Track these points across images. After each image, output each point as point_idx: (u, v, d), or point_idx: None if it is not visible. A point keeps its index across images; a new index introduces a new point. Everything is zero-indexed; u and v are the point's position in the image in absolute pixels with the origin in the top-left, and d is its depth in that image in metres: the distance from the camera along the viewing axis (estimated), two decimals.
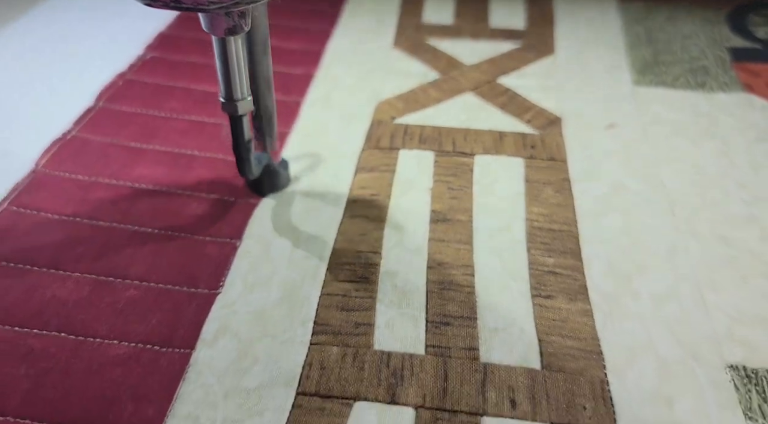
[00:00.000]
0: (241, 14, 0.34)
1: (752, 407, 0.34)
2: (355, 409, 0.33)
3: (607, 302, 0.39)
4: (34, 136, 0.50)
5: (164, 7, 0.31)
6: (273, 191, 0.46)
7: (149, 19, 0.67)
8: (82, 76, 0.58)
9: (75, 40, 0.64)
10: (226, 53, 0.36)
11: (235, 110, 0.38)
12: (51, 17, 0.68)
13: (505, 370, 0.35)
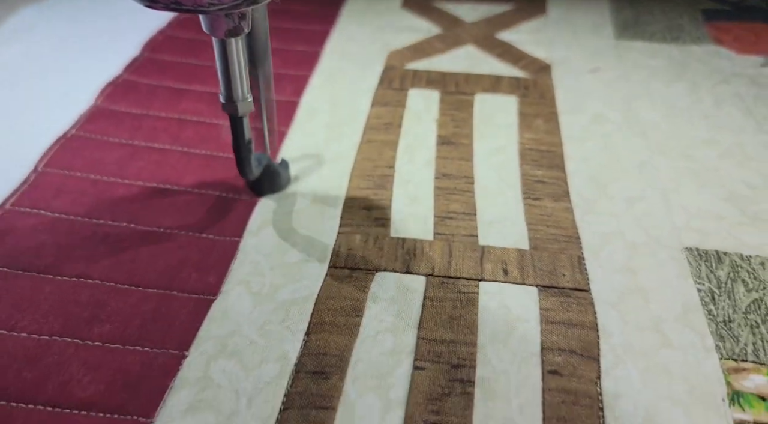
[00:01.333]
0: (241, 16, 0.34)
1: (701, 276, 0.41)
2: (377, 277, 0.41)
3: (586, 203, 0.47)
4: (34, 135, 0.51)
5: (164, 8, 0.31)
6: (273, 192, 0.47)
7: (148, 19, 0.68)
8: (83, 74, 0.59)
9: (74, 39, 0.65)
10: (227, 55, 0.36)
11: (236, 111, 0.38)
12: (50, 16, 0.69)
13: (500, 250, 0.43)
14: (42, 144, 0.51)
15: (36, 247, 0.42)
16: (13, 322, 0.37)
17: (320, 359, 0.36)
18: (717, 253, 0.43)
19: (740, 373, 0.35)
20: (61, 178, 0.47)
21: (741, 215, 0.46)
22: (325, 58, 0.63)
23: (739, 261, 0.42)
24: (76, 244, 0.42)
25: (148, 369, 0.35)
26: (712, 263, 0.42)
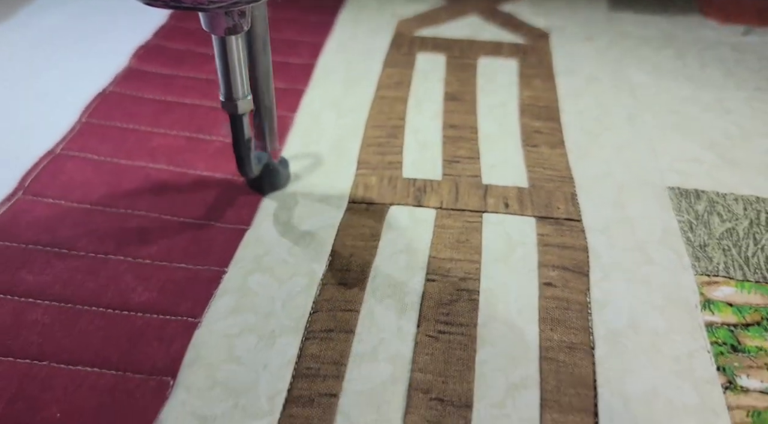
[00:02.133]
0: (240, 14, 0.34)
1: (680, 209, 0.46)
2: (392, 210, 0.46)
3: (579, 149, 0.52)
4: (38, 129, 0.52)
5: (164, 6, 0.31)
6: (273, 190, 0.47)
7: (147, 16, 0.69)
8: (89, 65, 0.60)
9: (76, 33, 0.66)
10: (226, 52, 0.36)
11: (235, 109, 0.39)
12: (48, 14, 0.69)
13: (501, 187, 0.47)
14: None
15: (86, 182, 0.47)
16: (72, 243, 0.42)
17: (343, 274, 0.40)
18: (696, 191, 0.48)
19: (712, 285, 0.40)
20: (102, 128, 0.52)
21: (719, 160, 0.51)
22: (339, 27, 0.68)
23: (716, 197, 0.47)
24: (123, 183, 0.47)
25: (193, 281, 0.40)
26: (692, 199, 0.47)
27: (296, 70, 0.61)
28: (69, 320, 0.37)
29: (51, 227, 0.43)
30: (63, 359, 0.35)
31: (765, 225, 0.45)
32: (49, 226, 0.43)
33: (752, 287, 0.40)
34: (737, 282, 0.41)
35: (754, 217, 0.45)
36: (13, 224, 0.43)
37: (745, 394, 0.34)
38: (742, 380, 0.35)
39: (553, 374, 0.35)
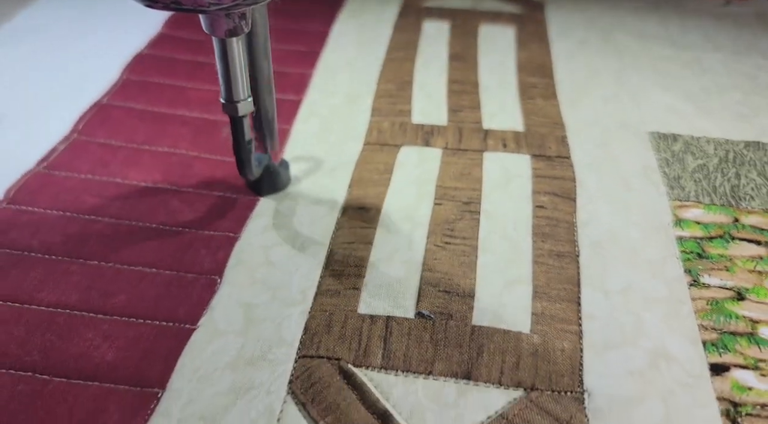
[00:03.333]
0: (241, 15, 0.34)
1: (659, 149, 0.52)
2: (402, 150, 0.51)
3: (570, 101, 0.57)
4: (33, 136, 0.52)
5: (164, 8, 0.31)
6: (273, 192, 0.47)
7: (147, 19, 0.69)
8: (84, 73, 0.60)
9: (73, 38, 0.66)
10: (227, 55, 0.36)
11: (236, 111, 0.39)
12: (48, 14, 0.70)
13: (500, 131, 0.53)
14: (42, 145, 0.51)
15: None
16: (125, 173, 0.48)
17: (361, 200, 0.46)
18: (673, 135, 0.54)
19: (683, 208, 0.46)
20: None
21: (694, 110, 0.56)
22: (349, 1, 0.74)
23: (690, 140, 0.53)
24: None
25: (231, 204, 0.46)
26: (669, 141, 0.53)
27: (313, 35, 0.66)
28: (127, 234, 0.43)
29: None
30: (126, 261, 0.41)
31: (732, 162, 0.51)
32: None
33: (718, 209, 0.46)
34: (705, 205, 0.46)
35: (722, 155, 0.51)
36: None
37: (707, 288, 0.40)
38: (705, 278, 0.41)
39: (543, 274, 0.41)
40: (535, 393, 0.34)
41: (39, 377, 0.34)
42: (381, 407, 0.33)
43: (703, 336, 0.37)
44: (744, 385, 0.35)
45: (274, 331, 0.37)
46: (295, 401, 0.33)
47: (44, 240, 0.42)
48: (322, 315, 0.38)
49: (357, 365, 0.35)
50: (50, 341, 0.36)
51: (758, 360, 0.36)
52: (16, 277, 0.40)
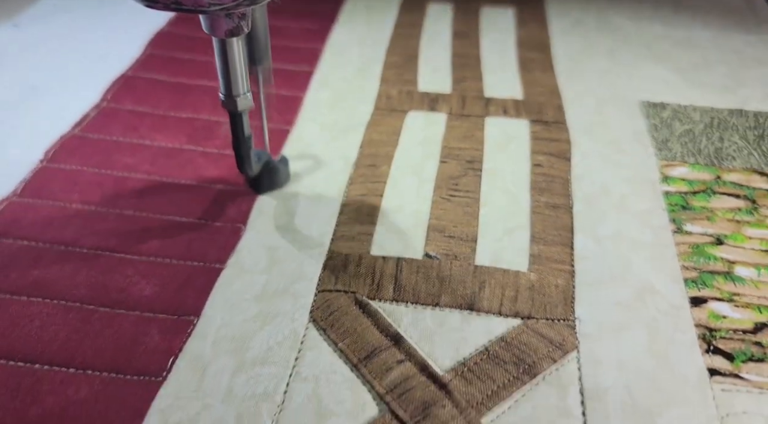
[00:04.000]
0: (241, 16, 0.34)
1: (649, 115, 0.56)
2: (409, 114, 0.55)
3: (566, 74, 0.61)
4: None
5: (165, 8, 0.31)
6: (272, 189, 0.47)
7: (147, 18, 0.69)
8: (87, 72, 0.60)
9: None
10: (227, 54, 0.36)
11: (235, 106, 0.39)
12: (50, 15, 0.70)
13: (500, 99, 0.57)
14: (47, 140, 0.58)
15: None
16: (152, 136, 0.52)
17: (371, 159, 0.50)
18: (662, 103, 0.57)
19: (670, 167, 0.50)
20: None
21: (683, 82, 0.60)
22: None
23: (678, 108, 0.57)
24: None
25: None
26: (658, 109, 0.57)
27: (323, 14, 0.70)
28: (158, 188, 0.47)
29: None
30: (158, 211, 0.45)
31: (716, 127, 0.54)
32: None
33: (702, 168, 0.50)
34: (690, 165, 0.50)
35: (707, 122, 0.55)
36: None
37: (689, 235, 0.44)
38: (688, 227, 0.45)
39: (540, 222, 0.45)
40: (531, 321, 0.38)
41: (86, 307, 0.38)
42: (393, 331, 0.37)
43: (684, 275, 0.41)
44: (719, 314, 0.38)
45: (295, 269, 0.41)
46: (316, 326, 0.37)
47: (83, 193, 0.46)
48: (339, 256, 0.42)
49: (371, 298, 0.39)
50: (94, 277, 0.40)
51: (733, 294, 0.40)
52: (59, 224, 0.44)
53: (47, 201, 0.45)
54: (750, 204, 0.47)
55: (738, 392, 0.34)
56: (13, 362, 0.35)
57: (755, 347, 0.36)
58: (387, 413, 0.33)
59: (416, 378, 0.34)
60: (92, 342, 0.36)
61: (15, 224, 0.43)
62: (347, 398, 0.33)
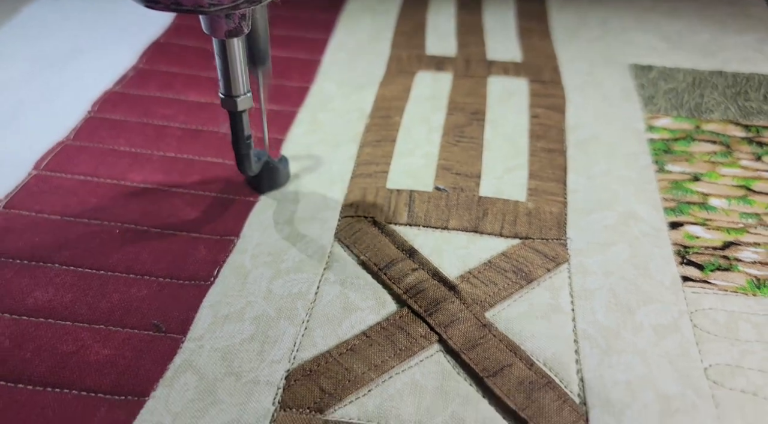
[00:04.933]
0: (241, 16, 0.34)
1: (636, 76, 0.61)
2: (418, 74, 0.61)
3: (562, 41, 0.67)
4: (32, 138, 0.52)
5: (165, 9, 0.31)
6: (272, 189, 0.47)
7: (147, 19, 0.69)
8: (81, 77, 0.60)
9: (73, 39, 0.66)
10: (227, 54, 0.37)
11: (235, 106, 0.39)
12: (49, 14, 0.70)
13: (501, 62, 0.63)
14: (41, 146, 0.63)
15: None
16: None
17: (384, 111, 0.56)
18: (650, 66, 0.63)
19: (655, 118, 0.55)
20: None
21: (669, 47, 0.66)
22: None
23: (663, 70, 0.62)
24: None
25: (275, 116, 0.55)
26: (645, 71, 0.62)
27: None
28: (197, 136, 0.52)
29: None
30: (196, 154, 0.50)
31: (697, 85, 0.60)
32: None
33: (683, 119, 0.55)
34: (673, 117, 0.56)
35: (690, 81, 0.60)
36: None
37: (670, 173, 0.49)
38: (668, 167, 0.50)
39: (537, 163, 0.50)
40: (528, 241, 0.43)
41: (140, 228, 0.43)
42: (408, 246, 0.42)
43: (664, 205, 0.46)
44: (693, 235, 0.44)
45: (320, 200, 0.46)
46: (340, 244, 0.43)
47: (128, 138, 0.52)
48: (358, 190, 0.47)
49: (387, 222, 0.44)
50: (145, 206, 0.45)
51: (706, 219, 0.45)
52: (109, 163, 0.49)
53: (98, 144, 0.51)
54: (725, 149, 0.52)
55: (706, 294, 0.40)
56: (81, 268, 0.40)
57: (722, 259, 0.42)
58: (404, 308, 0.38)
59: (429, 282, 0.40)
60: (148, 255, 0.41)
61: (71, 162, 0.49)
62: (370, 297, 0.39)
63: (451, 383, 0.34)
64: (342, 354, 0.35)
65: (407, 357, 0.35)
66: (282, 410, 0.33)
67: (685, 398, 0.33)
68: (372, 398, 0.33)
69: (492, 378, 0.34)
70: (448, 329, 0.37)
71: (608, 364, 0.35)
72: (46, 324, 0.37)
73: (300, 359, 0.35)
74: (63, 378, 0.34)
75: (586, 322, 0.37)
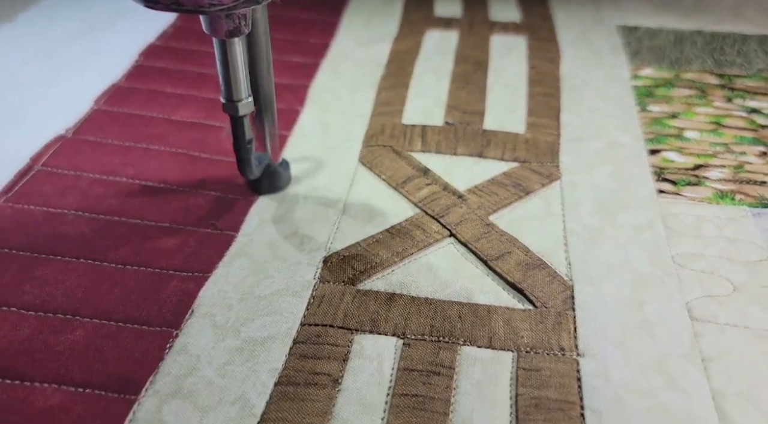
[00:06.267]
0: (241, 16, 0.34)
1: (623, 35, 0.68)
2: (427, 32, 0.67)
3: (558, 9, 0.73)
4: (33, 134, 0.52)
5: (165, 9, 0.31)
6: (273, 192, 0.47)
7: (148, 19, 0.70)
8: (82, 75, 0.60)
9: (73, 41, 0.66)
10: (227, 55, 0.36)
11: (236, 111, 0.39)
12: (49, 16, 0.71)
13: (502, 23, 0.69)
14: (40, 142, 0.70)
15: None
16: None
17: (398, 62, 0.62)
18: (636, 26, 0.69)
19: (639, 69, 0.62)
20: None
21: (654, 11, 0.72)
22: None
23: (648, 29, 0.69)
24: None
25: (292, 72, 0.62)
26: (632, 31, 0.69)
27: None
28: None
29: None
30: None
31: (678, 42, 0.67)
32: None
33: (665, 70, 0.62)
34: (656, 68, 0.62)
35: (672, 39, 0.67)
36: None
37: (651, 112, 0.56)
38: (650, 107, 0.57)
39: (534, 104, 0.57)
40: (526, 163, 0.50)
41: (191, 153, 0.50)
42: (422, 166, 0.49)
43: (645, 136, 0.53)
44: (669, 159, 0.51)
45: (343, 132, 0.53)
46: (363, 166, 0.50)
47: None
48: (378, 125, 0.54)
49: (403, 149, 0.51)
50: (194, 135, 0.52)
51: (680, 147, 0.52)
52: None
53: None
54: (701, 93, 0.59)
55: (677, 203, 0.46)
56: (138, 180, 0.47)
57: (693, 177, 0.49)
58: (420, 212, 0.45)
59: (440, 193, 0.46)
60: (200, 175, 0.48)
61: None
62: (391, 205, 0.46)
63: (461, 265, 0.41)
64: (369, 244, 0.42)
65: (424, 247, 0.42)
66: (321, 283, 0.39)
67: (654, 275, 0.40)
68: (395, 275, 0.40)
69: (495, 261, 0.41)
70: (458, 227, 0.43)
71: (591, 251, 0.42)
72: (120, 222, 0.43)
73: (334, 249, 0.42)
74: (140, 260, 0.41)
75: (574, 222, 0.44)
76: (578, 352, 0.35)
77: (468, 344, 0.36)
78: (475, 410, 0.32)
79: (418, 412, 0.32)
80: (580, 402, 0.33)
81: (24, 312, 0.37)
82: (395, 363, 0.35)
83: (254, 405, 0.32)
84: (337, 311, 0.38)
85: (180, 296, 0.38)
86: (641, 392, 0.33)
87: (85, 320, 0.36)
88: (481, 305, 0.38)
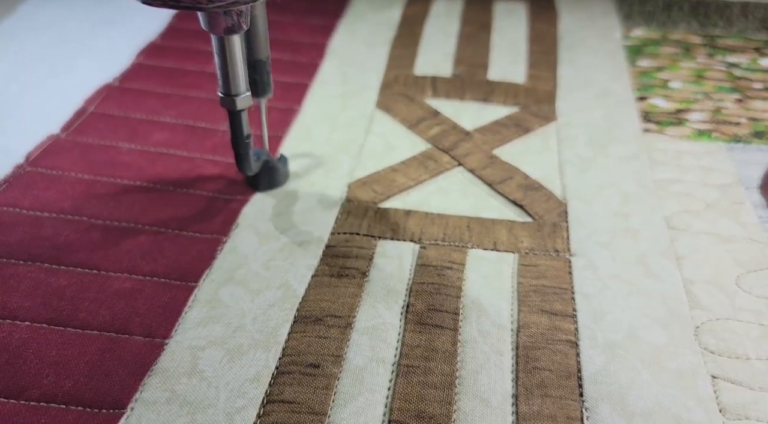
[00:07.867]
0: (240, 13, 0.34)
1: (621, 7, 0.73)
2: (434, 2, 0.73)
3: (562, 2, 0.79)
4: (26, 133, 0.51)
5: (163, 5, 0.31)
6: (271, 188, 0.47)
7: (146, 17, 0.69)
8: (76, 74, 0.59)
9: (70, 37, 0.65)
10: (225, 51, 0.36)
11: (234, 105, 0.38)
12: (45, 13, 0.70)
13: (506, 1, 0.75)
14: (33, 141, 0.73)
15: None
16: None
17: (409, 24, 0.68)
18: None
19: (630, 31, 0.68)
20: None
21: None
22: None
23: None
24: None
25: (300, 51, 0.67)
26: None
27: None
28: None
29: None
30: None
31: (667, 8, 0.72)
32: None
33: (653, 31, 0.68)
34: (645, 29, 0.68)
35: (661, 5, 0.73)
36: None
37: (639, 67, 0.62)
38: (638, 62, 0.62)
39: (534, 59, 0.62)
40: (526, 108, 0.56)
41: None
42: (433, 110, 0.55)
43: (634, 85, 0.59)
44: (654, 105, 0.56)
45: (362, 80, 0.59)
46: (380, 110, 0.55)
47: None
48: (391, 76, 0.59)
49: (416, 96, 0.57)
50: None
51: (665, 95, 0.58)
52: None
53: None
54: (686, 51, 0.65)
55: (661, 140, 0.52)
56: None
57: (675, 119, 0.55)
58: (432, 147, 0.51)
59: (450, 131, 0.52)
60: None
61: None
62: (406, 142, 0.51)
63: (469, 188, 0.47)
64: (387, 173, 0.48)
65: (436, 174, 0.48)
66: (347, 202, 0.45)
67: (639, 194, 0.46)
68: (411, 196, 0.46)
69: (498, 185, 0.47)
70: (465, 158, 0.49)
71: (584, 176, 0.48)
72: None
73: (356, 177, 0.48)
74: (189, 185, 0.46)
75: (569, 154, 0.50)
76: (570, 253, 0.41)
77: (476, 248, 0.42)
78: (483, 294, 0.38)
79: (434, 295, 0.38)
80: (571, 288, 0.39)
81: (93, 221, 0.43)
82: (414, 261, 0.41)
83: (296, 289, 0.38)
84: (362, 223, 0.43)
85: (226, 212, 0.44)
86: (624, 280, 0.39)
87: (146, 227, 0.42)
88: (486, 219, 0.44)
